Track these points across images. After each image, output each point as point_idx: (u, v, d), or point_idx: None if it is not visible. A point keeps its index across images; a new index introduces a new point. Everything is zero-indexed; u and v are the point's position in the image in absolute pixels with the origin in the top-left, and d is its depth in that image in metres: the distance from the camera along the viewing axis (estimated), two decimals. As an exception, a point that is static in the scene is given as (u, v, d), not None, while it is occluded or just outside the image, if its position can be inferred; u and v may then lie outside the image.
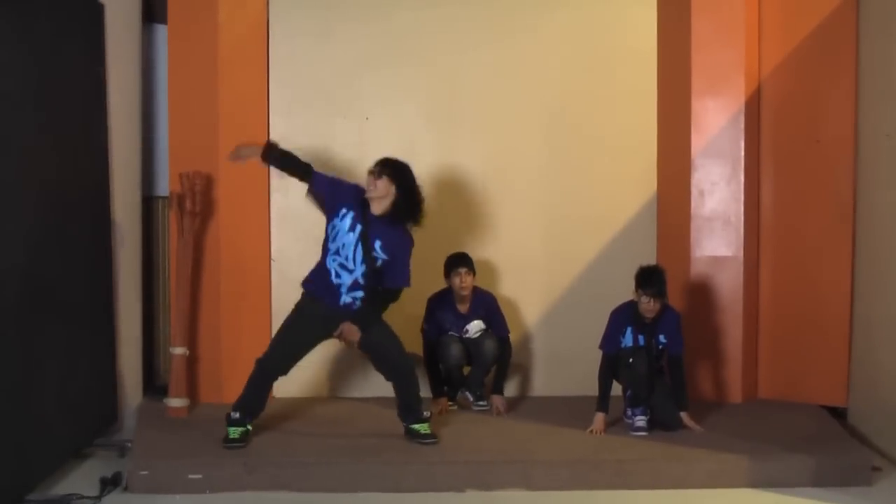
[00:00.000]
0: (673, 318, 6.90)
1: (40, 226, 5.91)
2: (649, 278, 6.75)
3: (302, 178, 6.57)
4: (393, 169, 6.45)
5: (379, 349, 6.61)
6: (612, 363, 6.87)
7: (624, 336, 6.85)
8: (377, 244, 6.44)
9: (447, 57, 7.80)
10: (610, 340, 6.90)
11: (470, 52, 7.80)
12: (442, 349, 7.33)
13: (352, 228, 6.44)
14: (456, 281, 7.29)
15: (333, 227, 6.49)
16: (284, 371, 6.63)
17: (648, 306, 6.73)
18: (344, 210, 6.46)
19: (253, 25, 7.59)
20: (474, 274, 7.34)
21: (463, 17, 7.79)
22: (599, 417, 6.78)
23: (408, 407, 6.62)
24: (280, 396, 7.42)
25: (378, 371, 6.72)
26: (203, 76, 7.40)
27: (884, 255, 6.90)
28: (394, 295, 6.55)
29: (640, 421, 6.77)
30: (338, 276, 6.49)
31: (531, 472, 6.17)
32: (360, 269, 6.45)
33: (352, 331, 6.49)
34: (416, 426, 6.58)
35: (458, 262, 7.32)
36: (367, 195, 6.44)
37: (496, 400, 7.34)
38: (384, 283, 6.49)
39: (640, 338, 6.83)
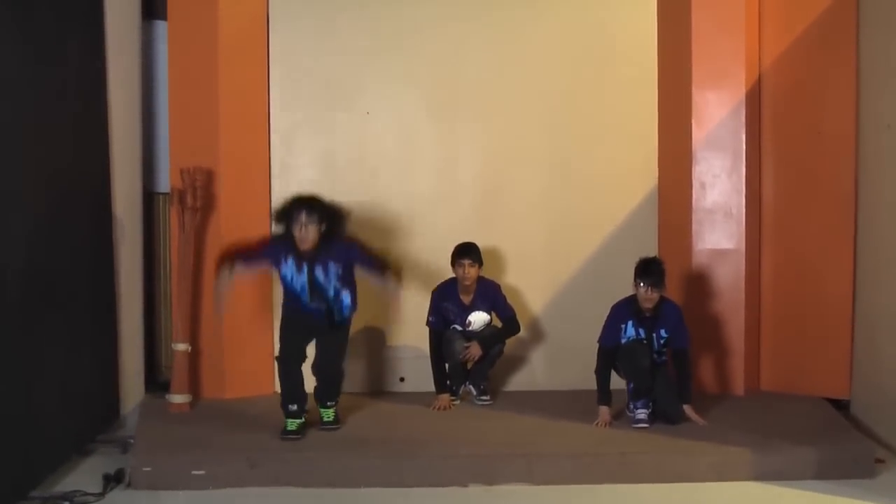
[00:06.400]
0: (674, 312, 6.90)
1: (41, 222, 5.91)
2: (648, 268, 6.79)
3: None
4: (319, 213, 6.51)
5: (330, 346, 6.67)
6: (610, 357, 6.86)
7: (625, 331, 6.85)
8: (318, 270, 6.54)
9: (448, 50, 7.79)
10: (609, 334, 6.90)
11: (471, 44, 7.80)
12: (446, 345, 7.30)
13: (299, 270, 6.55)
14: (459, 272, 7.29)
15: (285, 277, 6.61)
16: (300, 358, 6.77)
17: (646, 295, 6.74)
18: (282, 259, 6.59)
19: (253, 20, 7.58)
20: (480, 264, 7.32)
21: (463, 9, 7.79)
22: (603, 411, 6.78)
23: (323, 393, 6.70)
24: (282, 391, 7.43)
25: (312, 366, 6.75)
26: (203, 71, 7.39)
27: (886, 246, 6.89)
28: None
29: (641, 413, 6.77)
30: (320, 303, 6.61)
31: (534, 466, 6.16)
32: (330, 292, 6.59)
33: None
34: (323, 410, 6.72)
35: (463, 253, 7.30)
36: (302, 247, 6.52)
37: (474, 347, 7.32)
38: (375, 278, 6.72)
39: (641, 331, 6.83)
